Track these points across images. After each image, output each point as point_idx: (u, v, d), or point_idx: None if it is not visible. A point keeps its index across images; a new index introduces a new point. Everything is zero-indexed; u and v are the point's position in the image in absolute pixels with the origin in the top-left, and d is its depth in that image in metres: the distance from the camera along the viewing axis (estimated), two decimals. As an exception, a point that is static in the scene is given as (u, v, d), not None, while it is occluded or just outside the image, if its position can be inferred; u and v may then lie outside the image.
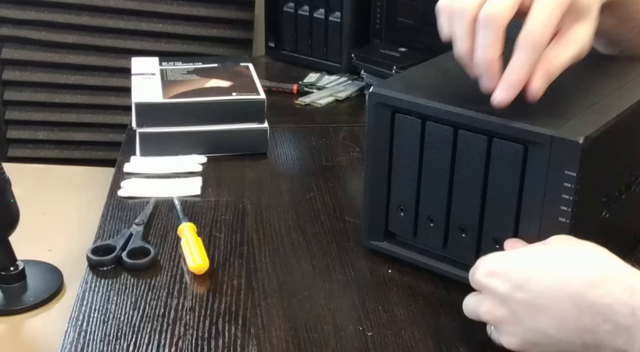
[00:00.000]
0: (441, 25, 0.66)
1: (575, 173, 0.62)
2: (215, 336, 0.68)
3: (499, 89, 0.64)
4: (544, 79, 0.64)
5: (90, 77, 1.56)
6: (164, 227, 0.87)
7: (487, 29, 0.62)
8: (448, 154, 0.69)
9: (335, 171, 1.01)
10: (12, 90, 1.56)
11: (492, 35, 0.62)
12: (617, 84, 0.73)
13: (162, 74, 1.10)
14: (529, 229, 0.66)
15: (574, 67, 0.74)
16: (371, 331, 0.69)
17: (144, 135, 1.02)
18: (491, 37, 0.62)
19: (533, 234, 0.66)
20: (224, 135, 1.04)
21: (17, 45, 1.53)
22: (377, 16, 1.31)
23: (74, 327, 0.70)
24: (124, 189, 0.95)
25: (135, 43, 1.55)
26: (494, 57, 0.63)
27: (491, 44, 0.62)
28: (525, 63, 0.62)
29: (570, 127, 0.63)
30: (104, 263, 0.79)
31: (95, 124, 1.59)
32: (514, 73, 0.63)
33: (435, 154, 0.70)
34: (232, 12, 1.58)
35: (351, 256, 0.81)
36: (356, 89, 1.31)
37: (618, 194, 0.71)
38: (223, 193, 0.95)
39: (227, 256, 0.81)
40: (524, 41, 0.62)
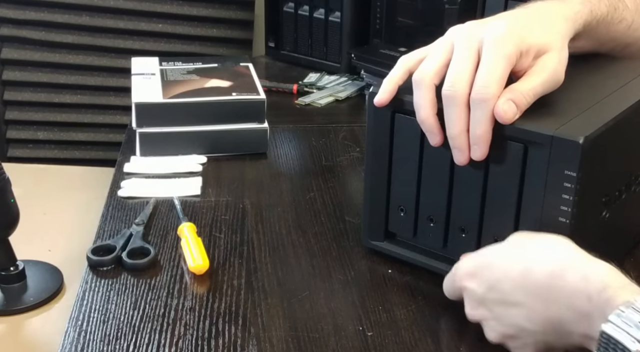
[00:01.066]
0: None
1: (575, 173, 0.62)
2: (215, 336, 0.68)
3: (471, 153, 0.66)
4: (509, 103, 0.64)
5: (90, 77, 1.56)
6: (164, 227, 0.87)
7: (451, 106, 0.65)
8: (448, 154, 0.69)
9: (335, 171, 1.02)
10: (12, 90, 1.56)
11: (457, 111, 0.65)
12: (617, 84, 0.73)
13: (162, 74, 1.10)
14: (529, 229, 0.66)
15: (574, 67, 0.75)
16: (371, 331, 0.69)
17: (144, 135, 1.02)
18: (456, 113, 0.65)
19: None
20: (224, 135, 1.04)
21: (17, 45, 1.53)
22: (377, 16, 1.31)
23: (74, 327, 0.70)
24: (124, 189, 0.95)
25: (135, 43, 1.55)
26: (462, 130, 0.66)
27: (457, 119, 0.65)
28: (481, 118, 0.64)
29: (570, 127, 0.63)
30: (104, 263, 0.79)
31: (95, 124, 1.59)
32: (476, 131, 0.65)
33: (435, 154, 0.70)
34: (232, 12, 1.58)
35: (351, 256, 0.81)
36: (356, 89, 1.31)
37: (618, 194, 0.71)
38: (223, 193, 0.95)
39: (227, 256, 0.81)
40: (473, 99, 0.64)
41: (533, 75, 0.66)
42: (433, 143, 0.68)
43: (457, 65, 0.65)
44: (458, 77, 0.65)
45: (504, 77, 0.64)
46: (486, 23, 0.67)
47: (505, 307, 0.61)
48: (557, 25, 0.69)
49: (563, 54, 0.68)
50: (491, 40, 0.64)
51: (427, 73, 0.66)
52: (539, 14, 0.69)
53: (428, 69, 0.67)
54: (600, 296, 0.54)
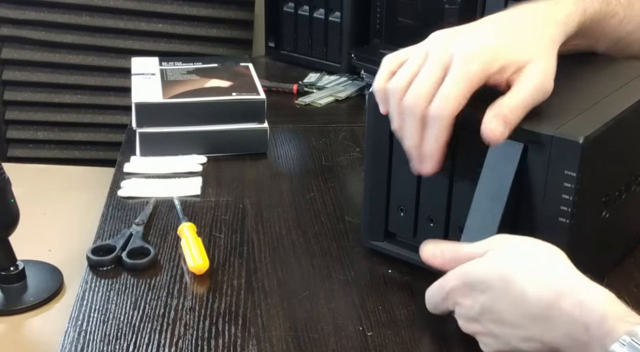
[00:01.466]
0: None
1: (575, 173, 0.62)
2: (215, 336, 0.68)
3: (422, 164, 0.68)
4: (497, 120, 0.63)
5: (90, 77, 1.56)
6: (164, 227, 0.87)
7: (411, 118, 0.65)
8: (448, 154, 0.69)
9: (335, 171, 1.02)
10: (12, 90, 1.56)
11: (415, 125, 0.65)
12: (617, 84, 0.73)
13: (162, 74, 1.10)
14: (529, 229, 0.66)
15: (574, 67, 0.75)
16: (371, 331, 0.69)
17: (144, 135, 1.02)
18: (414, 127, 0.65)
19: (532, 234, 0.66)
20: (224, 135, 1.04)
21: (17, 45, 1.53)
22: (377, 16, 1.31)
23: (74, 327, 0.70)
24: (124, 189, 0.95)
25: (135, 43, 1.55)
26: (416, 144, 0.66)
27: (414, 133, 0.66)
28: (433, 135, 0.65)
29: (570, 127, 0.63)
30: (104, 263, 0.79)
31: (95, 124, 1.59)
32: (427, 147, 0.66)
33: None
34: (232, 12, 1.58)
35: (351, 256, 0.81)
36: (356, 89, 1.31)
37: (618, 194, 0.71)
38: (223, 193, 0.95)
39: (227, 256, 0.81)
40: (428, 115, 0.64)
41: (518, 89, 0.64)
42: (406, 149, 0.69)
43: (422, 76, 0.65)
44: (420, 89, 0.64)
45: (463, 95, 0.63)
46: (464, 34, 0.66)
47: (502, 327, 0.60)
48: (546, 31, 0.67)
49: (548, 63, 0.66)
50: (460, 56, 0.63)
51: (399, 83, 0.66)
52: (527, 20, 0.68)
53: (401, 79, 0.66)
54: (599, 327, 0.53)
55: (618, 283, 0.75)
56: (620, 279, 0.75)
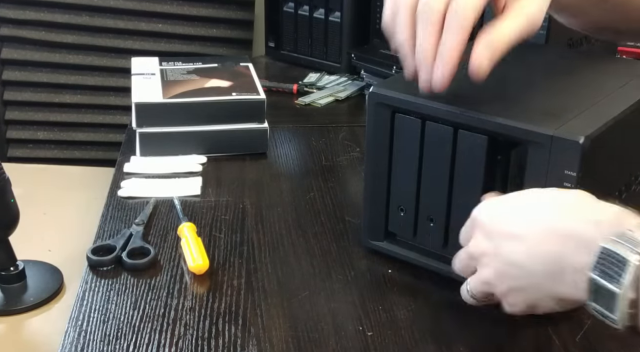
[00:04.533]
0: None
1: (575, 173, 0.62)
2: (215, 336, 0.68)
3: (433, 72, 0.64)
4: (486, 53, 0.62)
5: (90, 77, 1.56)
6: (164, 227, 0.87)
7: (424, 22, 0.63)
8: (448, 154, 0.69)
9: (335, 171, 1.02)
10: (12, 90, 1.56)
11: (430, 28, 0.63)
12: (617, 84, 0.73)
13: (162, 74, 1.10)
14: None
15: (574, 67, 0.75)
16: (371, 331, 0.69)
17: (144, 135, 1.02)
18: (429, 30, 0.63)
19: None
20: (224, 135, 1.04)
21: (17, 45, 1.53)
22: (377, 16, 1.31)
23: (74, 327, 0.70)
24: (124, 189, 0.95)
25: (135, 43, 1.55)
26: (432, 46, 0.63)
27: (429, 35, 0.63)
28: (453, 42, 0.62)
29: (570, 127, 0.63)
30: (104, 263, 0.79)
31: (95, 124, 1.59)
32: (446, 51, 0.62)
33: (435, 154, 0.70)
34: (232, 12, 1.58)
35: (351, 256, 0.81)
36: (356, 89, 1.31)
37: (618, 194, 0.71)
38: (223, 193, 0.95)
39: (227, 256, 0.81)
40: (448, 21, 0.62)
41: (509, 21, 0.63)
42: (407, 74, 0.67)
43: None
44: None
45: (482, 6, 0.62)
46: None
47: (510, 239, 0.60)
48: None
49: (545, 3, 0.65)
50: None
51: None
52: None
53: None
54: (610, 223, 0.54)
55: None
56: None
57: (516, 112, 0.65)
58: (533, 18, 0.64)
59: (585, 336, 0.67)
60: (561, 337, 0.68)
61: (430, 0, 0.63)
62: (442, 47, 0.63)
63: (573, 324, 0.69)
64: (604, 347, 0.66)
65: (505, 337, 0.68)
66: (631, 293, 0.51)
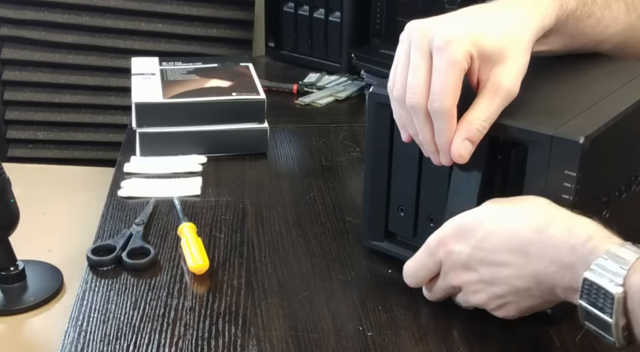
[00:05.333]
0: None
1: (575, 173, 0.62)
2: (215, 336, 0.68)
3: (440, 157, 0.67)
4: (466, 142, 0.64)
5: (90, 77, 1.56)
6: (164, 227, 0.87)
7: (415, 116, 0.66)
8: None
9: (335, 171, 1.01)
10: (12, 90, 1.56)
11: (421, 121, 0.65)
12: (617, 84, 0.73)
13: (162, 74, 1.10)
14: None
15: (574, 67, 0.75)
16: (371, 331, 0.69)
17: (144, 135, 1.02)
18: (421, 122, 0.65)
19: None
20: (224, 135, 1.04)
21: (17, 45, 1.53)
22: (377, 16, 1.31)
23: (74, 327, 0.70)
24: (124, 189, 0.95)
25: (135, 43, 1.55)
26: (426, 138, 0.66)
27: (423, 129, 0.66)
28: (442, 128, 0.64)
29: (570, 127, 0.63)
30: (104, 263, 0.79)
31: (95, 124, 1.59)
32: (439, 140, 0.65)
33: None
34: (232, 12, 1.58)
35: (351, 256, 0.81)
36: (356, 89, 1.31)
37: (618, 194, 0.71)
38: (223, 193, 0.95)
39: (227, 256, 0.81)
40: (431, 111, 0.64)
41: (487, 99, 0.64)
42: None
43: (413, 73, 0.65)
44: (415, 86, 0.64)
45: (457, 84, 0.63)
46: (440, 22, 0.65)
47: (493, 267, 0.62)
48: (523, 23, 0.67)
49: (521, 63, 0.65)
50: (441, 43, 0.63)
51: (398, 89, 0.66)
52: (504, 11, 0.67)
53: (397, 84, 0.66)
54: (584, 246, 0.56)
55: (618, 283, 0.75)
56: (620, 279, 0.75)
57: (516, 112, 0.65)
58: (509, 91, 0.65)
59: (585, 336, 0.67)
60: (561, 337, 0.68)
61: (410, 98, 0.65)
62: (439, 141, 0.66)
63: (573, 324, 0.68)
64: (604, 347, 0.66)
65: (505, 337, 0.68)
66: (622, 320, 0.54)
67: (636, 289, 0.53)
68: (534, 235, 0.59)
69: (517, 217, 0.62)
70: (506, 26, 0.66)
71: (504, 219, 0.62)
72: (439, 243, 0.66)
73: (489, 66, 0.64)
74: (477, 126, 0.64)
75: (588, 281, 0.55)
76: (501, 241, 0.62)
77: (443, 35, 0.63)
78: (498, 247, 0.62)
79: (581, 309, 0.56)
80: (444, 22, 0.65)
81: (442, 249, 0.66)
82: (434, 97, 0.63)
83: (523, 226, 0.61)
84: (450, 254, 0.65)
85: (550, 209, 0.62)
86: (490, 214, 0.64)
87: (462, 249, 0.64)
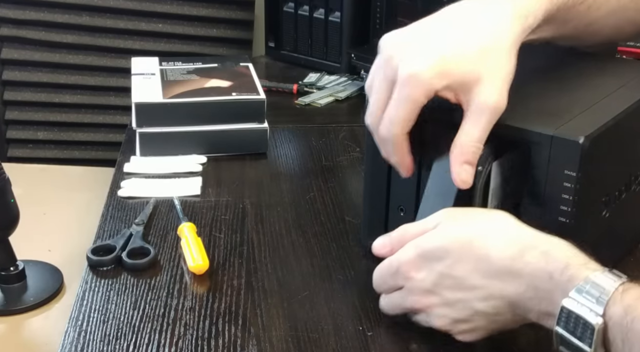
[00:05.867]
0: None
1: (575, 173, 0.62)
2: (215, 336, 0.68)
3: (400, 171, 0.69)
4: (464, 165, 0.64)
5: (90, 77, 1.56)
6: (164, 227, 0.87)
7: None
8: (448, 154, 0.69)
9: (335, 171, 1.01)
10: (12, 90, 1.56)
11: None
12: (617, 84, 0.73)
13: (162, 74, 1.10)
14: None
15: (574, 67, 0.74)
16: (371, 331, 0.69)
17: (144, 135, 1.02)
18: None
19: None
20: (224, 135, 1.04)
21: (17, 45, 1.53)
22: (377, 16, 1.31)
23: (74, 327, 0.70)
24: (124, 189, 0.95)
25: (135, 43, 1.55)
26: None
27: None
28: (390, 151, 0.66)
29: (570, 127, 0.63)
30: (104, 263, 0.79)
31: (95, 124, 1.59)
32: (390, 160, 0.68)
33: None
34: (232, 12, 1.58)
35: (351, 256, 0.81)
36: (356, 89, 1.31)
37: (618, 194, 0.71)
38: (223, 193, 0.95)
39: (227, 256, 0.81)
40: (379, 135, 0.66)
41: (474, 120, 0.63)
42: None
43: (374, 96, 0.65)
44: (373, 110, 0.65)
45: (409, 116, 0.63)
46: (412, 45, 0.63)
47: (460, 291, 0.60)
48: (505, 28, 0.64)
49: (504, 73, 0.63)
50: (403, 78, 0.62)
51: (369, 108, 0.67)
52: (486, 13, 0.65)
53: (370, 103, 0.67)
54: (562, 274, 0.55)
55: (618, 283, 0.75)
56: (620, 279, 0.75)
57: (516, 112, 0.65)
58: (495, 108, 0.63)
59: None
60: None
61: (367, 118, 0.67)
62: (390, 160, 0.68)
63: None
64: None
65: (505, 337, 0.68)
66: (601, 350, 0.53)
67: (617, 320, 0.52)
68: (510, 262, 0.58)
69: (489, 244, 0.59)
70: (484, 39, 0.64)
71: (474, 245, 0.59)
72: (399, 269, 0.63)
73: (468, 88, 0.63)
74: (469, 149, 0.63)
75: (566, 309, 0.54)
76: (472, 268, 0.59)
77: (407, 69, 0.62)
78: (469, 275, 0.59)
79: (557, 334, 0.55)
80: (413, 48, 0.63)
81: (401, 276, 0.64)
82: (384, 124, 0.64)
83: (497, 253, 0.58)
84: (410, 280, 0.63)
85: (521, 233, 0.59)
86: (455, 239, 0.61)
87: (426, 276, 0.62)
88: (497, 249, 0.58)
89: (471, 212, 0.63)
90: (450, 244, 0.61)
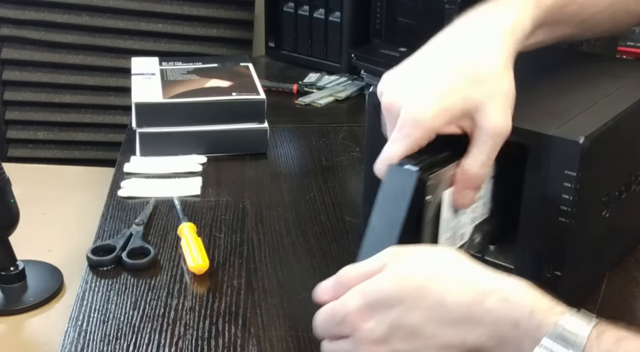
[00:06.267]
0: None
1: (575, 173, 0.62)
2: (215, 336, 0.68)
3: None
4: (467, 192, 0.64)
5: (90, 77, 1.56)
6: (164, 227, 0.87)
7: None
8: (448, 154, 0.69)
9: (335, 171, 1.01)
10: (12, 90, 1.56)
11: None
12: (617, 84, 0.73)
13: (162, 74, 1.10)
14: (530, 229, 0.66)
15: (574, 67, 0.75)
16: (371, 331, 0.69)
17: (144, 135, 1.02)
18: None
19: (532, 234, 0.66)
20: (224, 135, 1.04)
21: (17, 45, 1.53)
22: (377, 16, 1.31)
23: (74, 327, 0.70)
24: (124, 189, 0.95)
25: (135, 43, 1.55)
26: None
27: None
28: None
29: (570, 127, 0.63)
30: (104, 263, 0.79)
31: (95, 124, 1.59)
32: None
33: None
34: (232, 12, 1.58)
35: (351, 256, 0.81)
36: (356, 89, 1.31)
37: (618, 194, 0.71)
38: (223, 193, 0.95)
39: (227, 256, 0.81)
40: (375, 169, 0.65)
41: (479, 145, 0.62)
42: None
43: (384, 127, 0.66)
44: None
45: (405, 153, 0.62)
46: (410, 92, 0.63)
47: (415, 340, 0.54)
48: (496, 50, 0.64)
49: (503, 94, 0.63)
50: (406, 118, 0.62)
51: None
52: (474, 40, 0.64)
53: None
54: (529, 321, 0.51)
55: (618, 283, 0.75)
56: (620, 278, 0.75)
57: (516, 112, 0.65)
58: (501, 132, 0.62)
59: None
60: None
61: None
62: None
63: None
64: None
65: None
66: None
67: None
68: (469, 309, 0.53)
69: (443, 288, 0.54)
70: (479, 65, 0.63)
71: (427, 290, 0.54)
72: (345, 318, 0.56)
73: (469, 117, 0.62)
74: (473, 174, 0.63)
75: None
76: (427, 315, 0.54)
77: (410, 114, 0.62)
78: (423, 323, 0.54)
79: None
80: (411, 91, 0.63)
81: (347, 325, 0.56)
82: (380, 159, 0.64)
83: (453, 299, 0.53)
84: (359, 331, 0.56)
85: (475, 274, 0.55)
86: (406, 283, 0.55)
87: (376, 326, 0.55)
88: (452, 294, 0.53)
89: (420, 252, 0.58)
90: (400, 290, 0.55)
